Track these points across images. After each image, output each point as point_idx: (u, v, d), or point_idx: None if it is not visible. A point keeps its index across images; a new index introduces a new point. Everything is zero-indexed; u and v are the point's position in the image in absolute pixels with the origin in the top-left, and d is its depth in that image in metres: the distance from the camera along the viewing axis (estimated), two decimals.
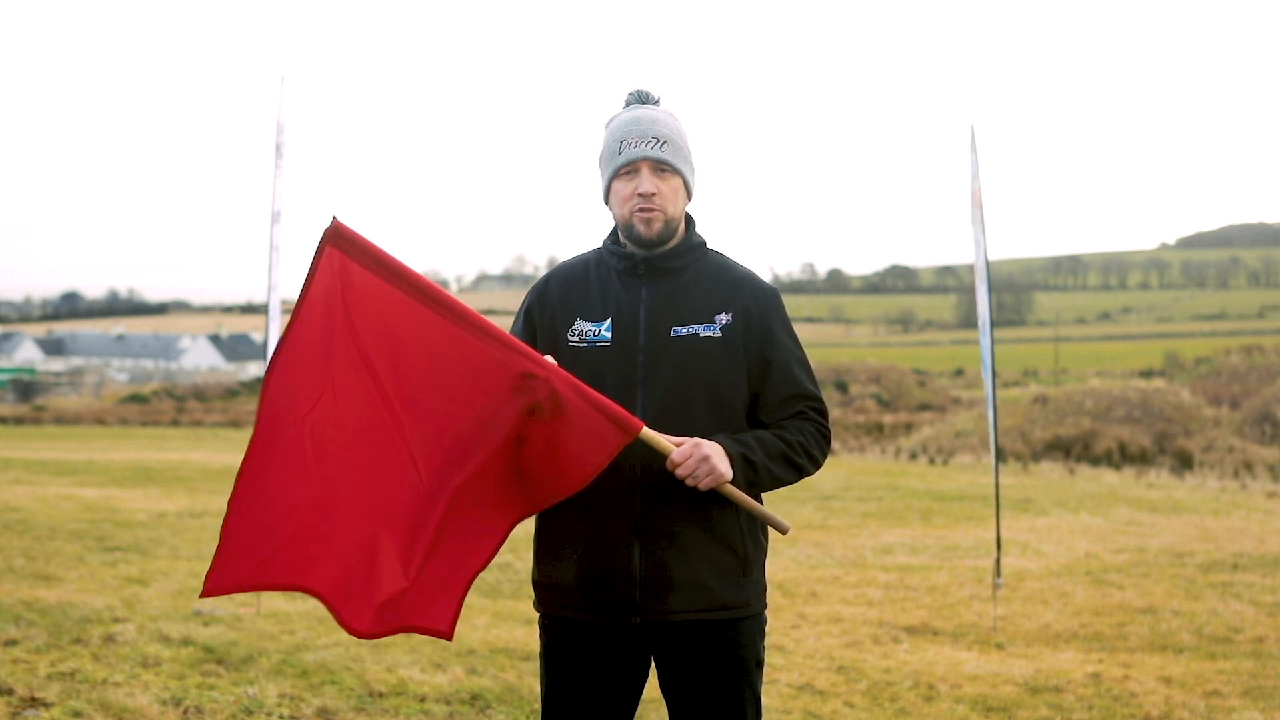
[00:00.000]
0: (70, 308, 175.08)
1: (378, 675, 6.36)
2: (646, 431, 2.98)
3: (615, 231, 3.25)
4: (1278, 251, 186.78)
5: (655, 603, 3.08)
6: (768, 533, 3.25)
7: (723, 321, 3.16)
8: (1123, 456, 27.29)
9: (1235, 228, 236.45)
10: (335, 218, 2.96)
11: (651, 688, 3.24)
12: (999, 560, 8.48)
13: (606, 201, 3.25)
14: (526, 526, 3.24)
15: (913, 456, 28.72)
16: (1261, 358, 38.14)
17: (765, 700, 5.12)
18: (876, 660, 7.18)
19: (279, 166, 8.65)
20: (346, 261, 2.94)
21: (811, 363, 3.29)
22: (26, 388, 63.35)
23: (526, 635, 7.50)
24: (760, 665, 3.21)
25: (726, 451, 3.02)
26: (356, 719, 5.71)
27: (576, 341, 3.16)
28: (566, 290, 3.23)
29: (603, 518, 3.07)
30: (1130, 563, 11.09)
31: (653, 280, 3.19)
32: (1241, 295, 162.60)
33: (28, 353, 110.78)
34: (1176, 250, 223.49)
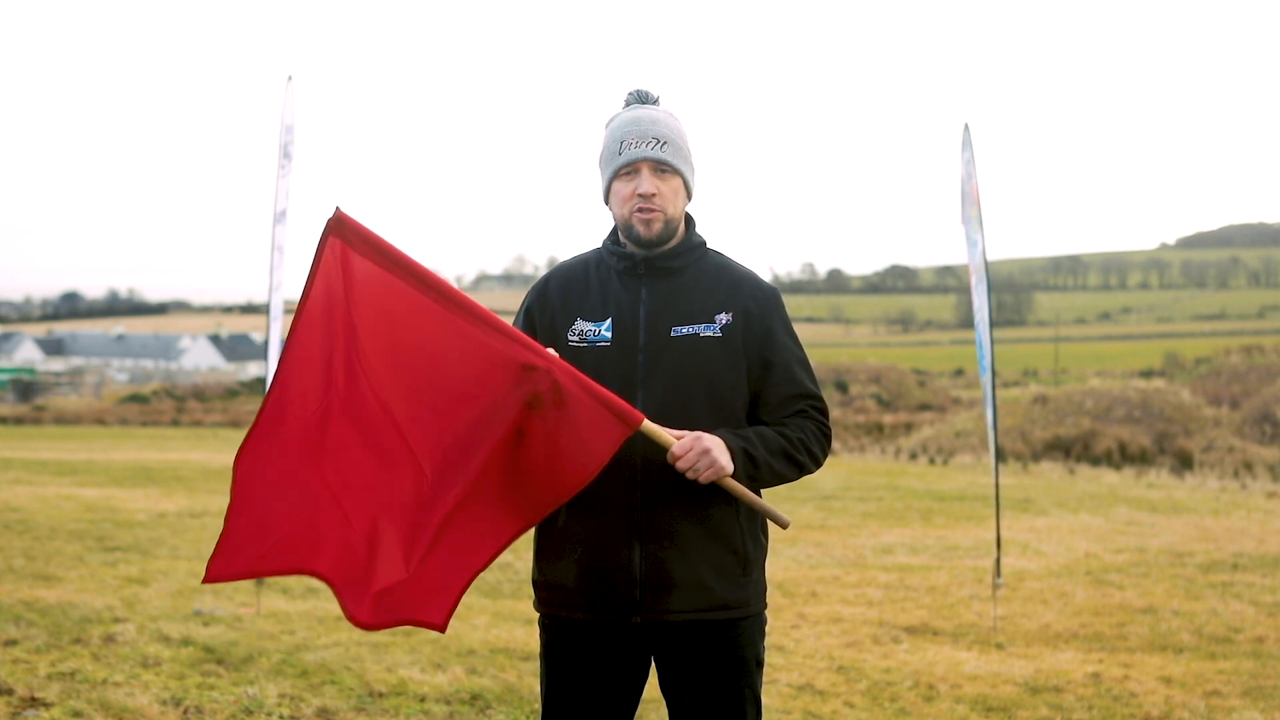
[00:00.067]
0: (70, 308, 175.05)
1: (378, 675, 6.36)
2: (647, 424, 2.98)
3: (615, 231, 3.25)
4: (1278, 251, 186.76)
5: (655, 602, 3.08)
6: (768, 532, 3.25)
7: (723, 321, 3.16)
8: (1123, 456, 27.28)
9: (1235, 228, 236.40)
10: (339, 208, 2.96)
11: (651, 688, 3.24)
12: (999, 560, 8.48)
13: (606, 202, 3.25)
14: None
15: (913, 456, 28.72)
16: (1261, 358, 38.12)
17: (765, 700, 5.12)
18: (876, 660, 7.18)
19: (285, 167, 8.62)
20: (349, 252, 2.95)
21: (811, 363, 3.29)
22: (26, 388, 63.36)
23: (526, 635, 7.50)
24: (760, 665, 3.21)
25: (727, 445, 3.02)
26: (356, 719, 5.71)
27: (577, 341, 3.16)
28: (566, 290, 3.23)
29: (603, 518, 3.07)
30: (1130, 563, 11.09)
31: (653, 280, 3.19)
32: (1241, 295, 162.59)
33: (28, 353, 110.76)
34: (1176, 250, 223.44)
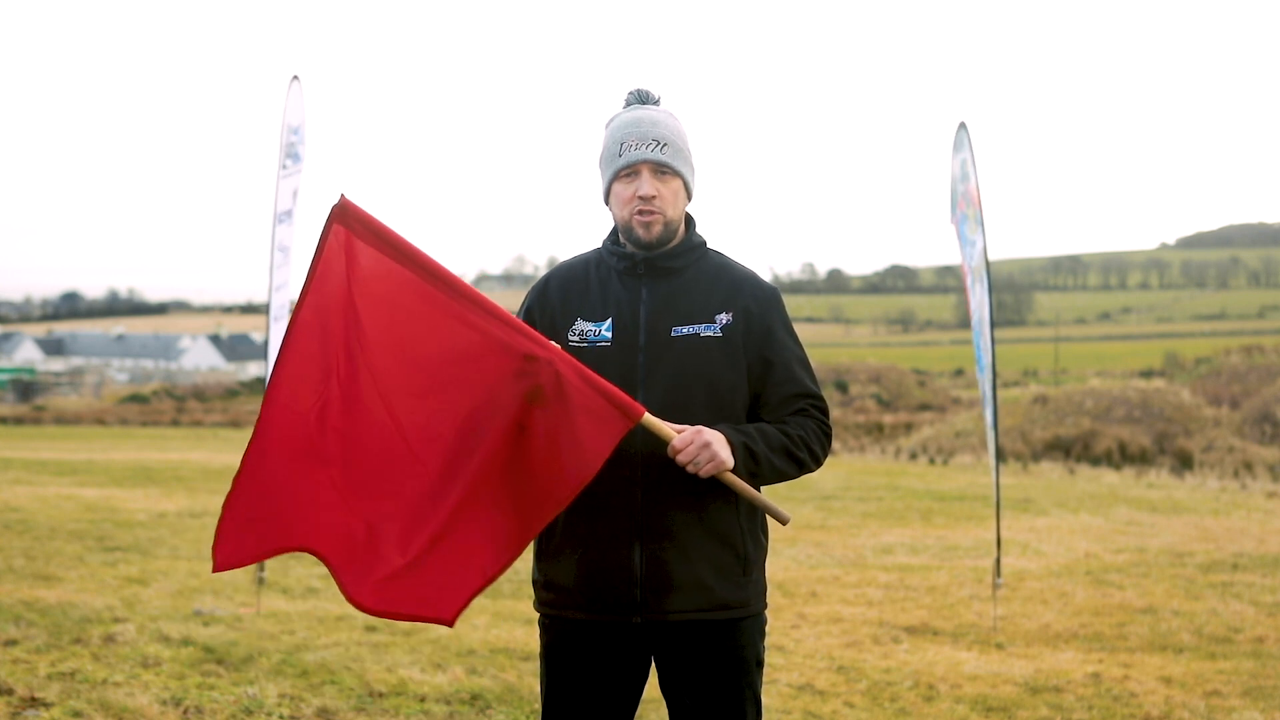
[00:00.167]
0: (70, 308, 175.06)
1: (378, 675, 6.36)
2: (648, 418, 2.97)
3: (615, 231, 3.25)
4: (1278, 251, 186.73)
5: (655, 602, 3.08)
6: (768, 532, 3.25)
7: (723, 321, 3.16)
8: (1123, 456, 27.28)
9: (1235, 228, 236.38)
10: (343, 195, 2.95)
11: (651, 688, 3.24)
12: (999, 560, 8.47)
13: (607, 202, 3.25)
14: None
15: (913, 456, 28.72)
16: (1261, 358, 38.12)
17: (765, 700, 5.12)
18: (876, 660, 7.18)
19: (289, 167, 8.61)
20: (353, 239, 2.94)
21: (811, 362, 3.29)
22: (26, 388, 63.36)
23: (526, 635, 7.50)
24: (760, 665, 3.21)
25: (728, 439, 3.02)
26: (356, 719, 5.71)
27: (577, 341, 3.15)
28: (566, 290, 3.23)
29: (603, 518, 3.07)
30: (1130, 563, 11.09)
31: (653, 280, 3.18)
32: (1241, 295, 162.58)
33: (28, 353, 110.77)
34: (1176, 250, 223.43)
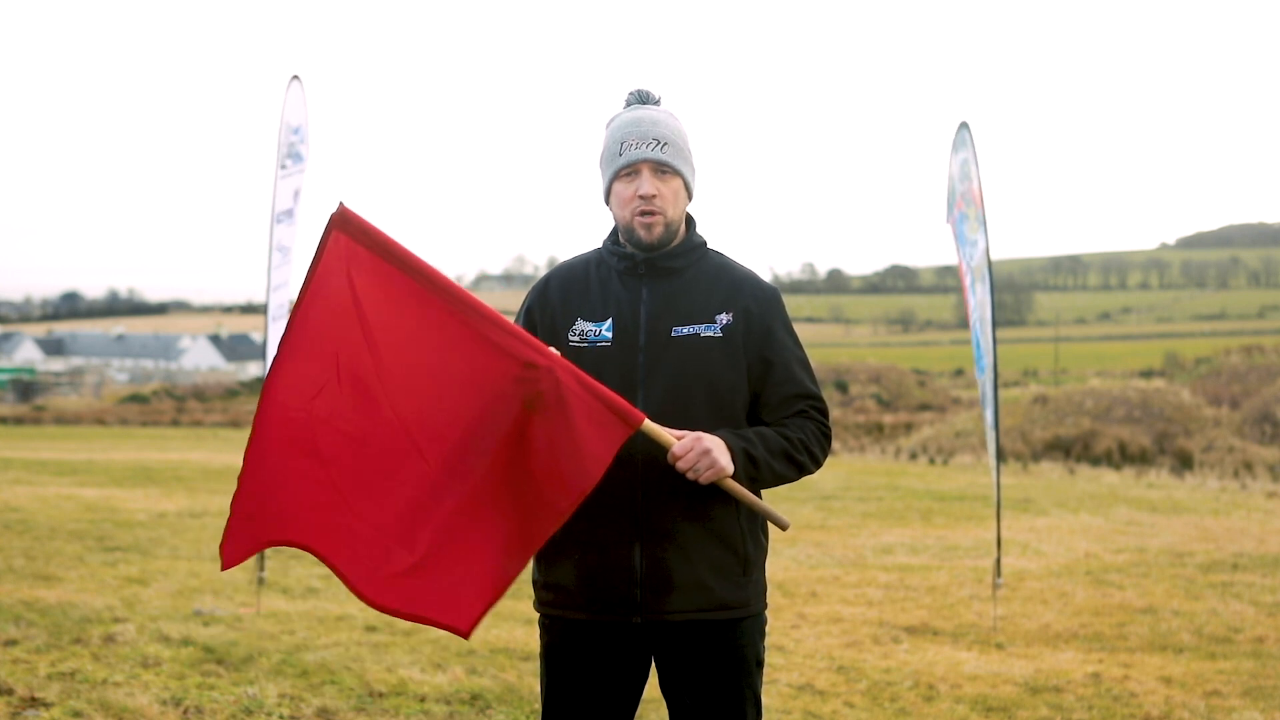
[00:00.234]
0: (70, 308, 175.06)
1: (378, 675, 6.36)
2: (648, 424, 2.97)
3: (615, 231, 3.25)
4: (1278, 251, 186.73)
5: (656, 602, 3.08)
6: (768, 533, 3.25)
7: (723, 321, 3.15)
8: (1123, 456, 27.29)
9: (1235, 228, 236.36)
10: (342, 203, 2.95)
11: (651, 688, 3.24)
12: (999, 560, 8.47)
13: (607, 202, 3.25)
14: None
15: (913, 456, 28.72)
16: (1261, 358, 38.12)
17: (765, 700, 5.12)
18: (876, 660, 7.18)
19: (288, 167, 8.61)
20: (354, 246, 2.94)
21: (811, 362, 3.29)
22: (26, 388, 63.35)
23: (526, 635, 7.50)
24: (760, 665, 3.21)
25: (728, 445, 3.02)
26: (356, 719, 5.71)
27: (577, 341, 3.15)
28: (567, 290, 3.23)
29: (603, 518, 3.07)
30: (1130, 563, 11.09)
31: (653, 280, 3.18)
32: (1241, 295, 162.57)
33: (28, 353, 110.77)
34: (1176, 250, 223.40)
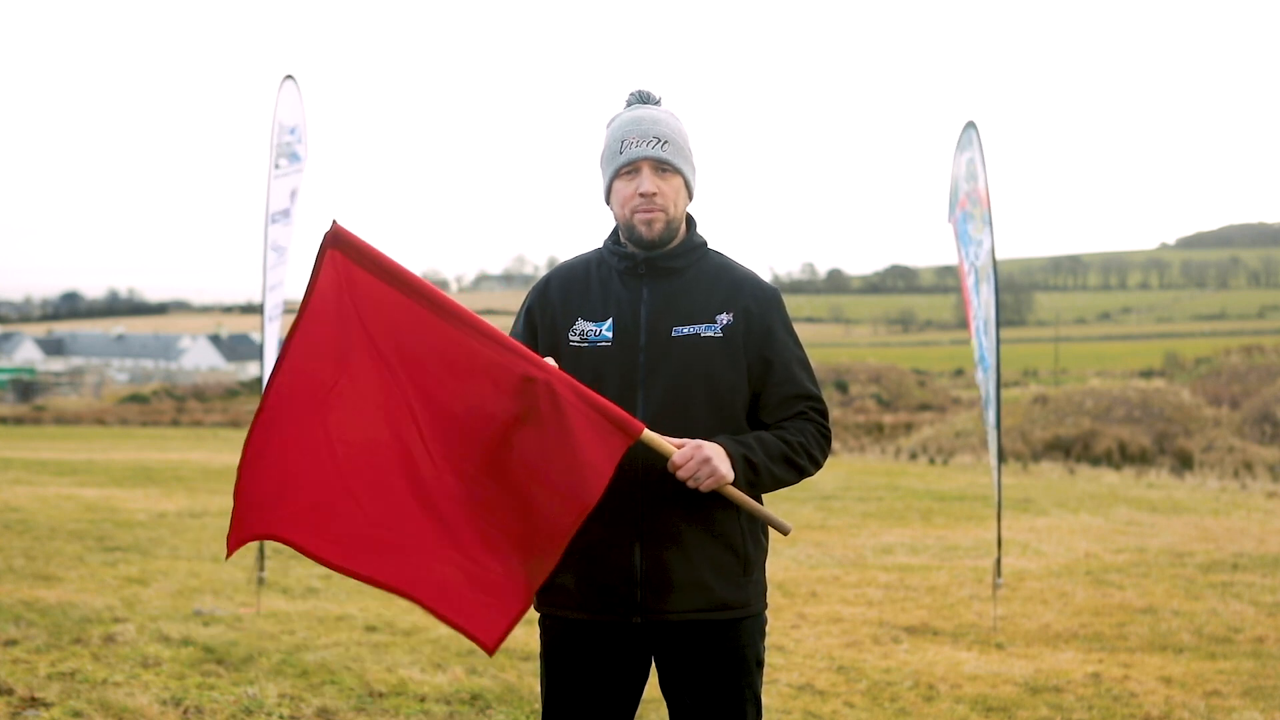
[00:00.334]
0: (70, 308, 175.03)
1: (378, 675, 6.36)
2: (648, 434, 2.97)
3: (616, 231, 3.25)
4: (1278, 251, 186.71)
5: (656, 603, 3.08)
6: (768, 533, 3.25)
7: (724, 321, 3.15)
8: (1123, 456, 27.28)
9: (1235, 228, 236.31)
10: (335, 221, 2.95)
11: (652, 688, 3.24)
12: (999, 560, 8.47)
13: (608, 201, 3.25)
14: None
15: (913, 456, 28.72)
16: (1261, 358, 38.11)
17: (765, 700, 5.12)
18: (876, 660, 7.18)
19: (282, 166, 8.61)
20: (349, 264, 2.94)
21: (811, 362, 3.29)
22: (26, 388, 63.34)
23: (526, 635, 7.49)
24: (760, 665, 3.21)
25: (727, 452, 3.02)
26: (356, 719, 5.71)
27: (578, 341, 3.16)
28: (567, 290, 3.23)
29: (604, 518, 3.06)
30: (1130, 563, 11.09)
31: (654, 280, 3.18)
32: (1241, 295, 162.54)
33: (28, 353, 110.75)
34: (1176, 250, 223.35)
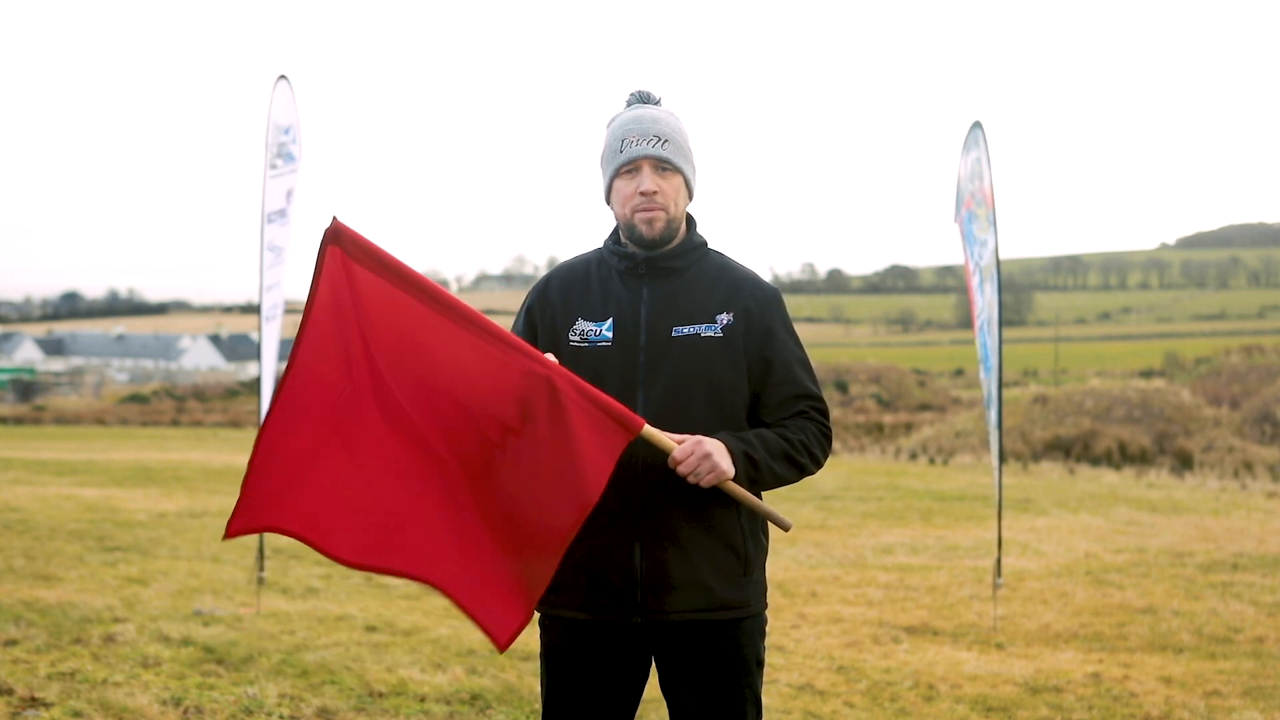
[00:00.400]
0: (70, 308, 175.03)
1: (378, 675, 6.36)
2: (648, 429, 2.97)
3: (616, 231, 3.25)
4: (1278, 251, 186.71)
5: (656, 602, 3.08)
6: (768, 533, 3.25)
7: (724, 321, 3.15)
8: (1123, 456, 27.28)
9: (1235, 228, 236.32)
10: (335, 217, 2.95)
11: (652, 688, 3.24)
12: (999, 560, 8.47)
13: (608, 201, 3.25)
14: None
15: (913, 456, 28.71)
16: (1261, 358, 38.11)
17: (765, 700, 5.12)
18: (876, 660, 7.18)
19: (278, 166, 8.61)
20: (349, 261, 2.94)
21: (812, 362, 3.29)
22: (26, 388, 63.35)
23: (527, 635, 7.45)
24: (760, 665, 3.21)
25: (728, 448, 3.02)
26: (356, 719, 5.71)
27: (578, 341, 3.15)
28: (567, 290, 3.23)
29: (604, 518, 3.06)
30: (1130, 563, 11.09)
31: (654, 280, 3.18)
32: (1241, 295, 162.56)
33: (28, 353, 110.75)
34: (1176, 250, 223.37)
